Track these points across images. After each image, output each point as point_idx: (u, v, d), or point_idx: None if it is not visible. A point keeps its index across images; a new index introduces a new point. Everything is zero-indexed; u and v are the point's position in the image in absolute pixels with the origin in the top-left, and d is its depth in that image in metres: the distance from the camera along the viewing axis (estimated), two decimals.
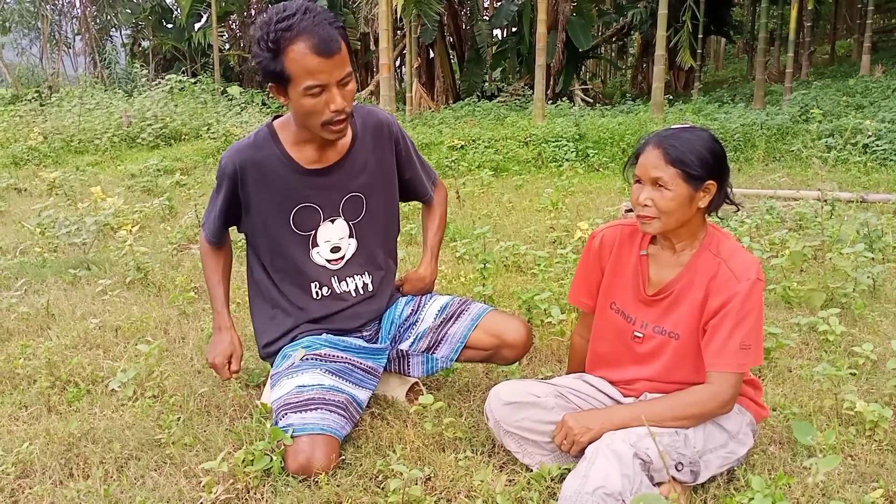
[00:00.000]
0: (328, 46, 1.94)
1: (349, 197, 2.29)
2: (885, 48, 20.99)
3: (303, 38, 1.92)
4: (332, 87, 1.99)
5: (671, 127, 1.92)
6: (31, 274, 4.22)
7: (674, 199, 1.83)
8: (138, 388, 2.59)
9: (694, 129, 1.88)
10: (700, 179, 1.83)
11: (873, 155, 8.34)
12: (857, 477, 1.99)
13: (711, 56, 29.59)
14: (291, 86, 1.99)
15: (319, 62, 1.94)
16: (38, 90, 17.14)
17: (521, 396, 2.01)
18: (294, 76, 1.96)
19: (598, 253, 2.11)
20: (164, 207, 6.20)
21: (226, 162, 2.22)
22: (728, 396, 1.86)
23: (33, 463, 2.10)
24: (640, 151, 1.89)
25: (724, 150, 1.89)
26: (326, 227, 2.28)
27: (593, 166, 9.36)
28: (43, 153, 10.63)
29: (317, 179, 2.23)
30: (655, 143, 1.85)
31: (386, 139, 2.35)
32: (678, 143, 1.83)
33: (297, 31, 1.92)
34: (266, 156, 2.20)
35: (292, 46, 1.93)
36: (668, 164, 1.81)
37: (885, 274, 3.78)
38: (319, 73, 1.96)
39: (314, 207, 2.25)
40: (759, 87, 13.46)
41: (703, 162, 1.82)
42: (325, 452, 1.99)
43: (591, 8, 20.85)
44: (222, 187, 2.27)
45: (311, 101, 2.00)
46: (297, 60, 1.94)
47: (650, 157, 1.85)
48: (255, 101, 16.40)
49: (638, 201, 1.88)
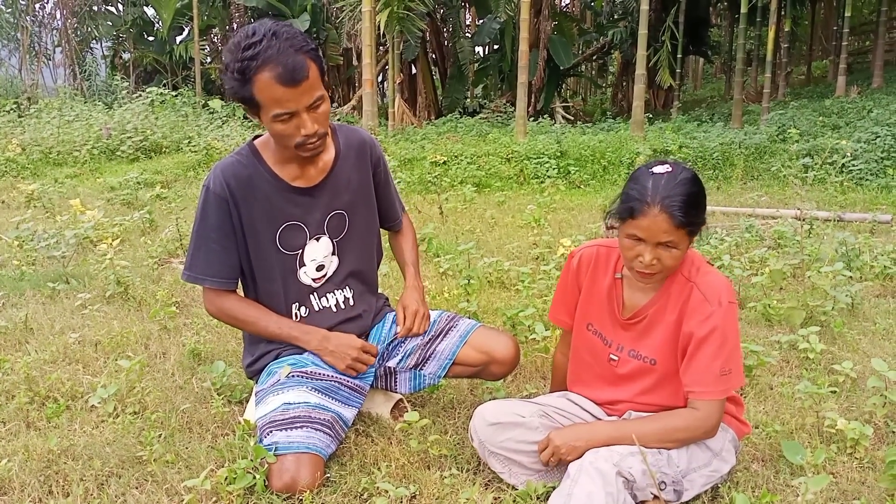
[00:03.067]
0: (292, 76, 1.92)
1: (333, 214, 2.27)
2: (860, 69, 21.37)
3: (268, 67, 1.90)
4: (301, 113, 1.99)
5: (653, 171, 1.83)
6: (8, 287, 4.16)
7: (680, 255, 1.84)
8: (119, 404, 2.55)
9: (679, 173, 1.81)
10: (699, 227, 1.85)
11: (850, 174, 8.48)
12: (838, 494, 2.01)
13: (690, 75, 29.98)
14: (262, 111, 2.00)
15: (285, 91, 1.93)
16: (17, 101, 16.95)
17: (505, 417, 2.01)
18: (262, 103, 1.97)
19: (577, 272, 2.12)
20: (145, 221, 6.14)
21: (213, 183, 2.14)
22: (714, 422, 1.88)
23: (12, 480, 2.06)
24: (636, 210, 1.80)
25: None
26: (312, 246, 2.26)
27: (575, 183, 9.42)
28: (21, 165, 10.51)
29: (302, 198, 2.22)
30: (660, 207, 1.77)
31: (367, 158, 2.35)
32: (683, 203, 1.77)
33: (262, 60, 1.90)
34: (252, 174, 2.17)
35: (258, 76, 1.92)
36: (678, 227, 1.78)
37: (864, 292, 3.83)
38: (286, 101, 1.95)
39: (300, 226, 2.23)
40: (737, 107, 13.65)
41: (702, 213, 1.84)
42: (310, 471, 1.97)
43: (572, 27, 21.13)
44: (212, 214, 2.15)
45: (281, 126, 2.00)
46: (264, 90, 1.93)
47: (658, 223, 1.77)
48: (237, 114, 16.31)
49: (642, 261, 1.83)
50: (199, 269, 2.20)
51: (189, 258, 2.21)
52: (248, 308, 2.25)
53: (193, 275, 2.21)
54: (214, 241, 2.17)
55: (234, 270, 2.22)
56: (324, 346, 2.22)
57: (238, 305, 2.25)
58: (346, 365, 2.21)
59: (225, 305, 2.24)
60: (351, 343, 2.23)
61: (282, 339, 2.25)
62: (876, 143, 8.96)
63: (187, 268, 2.22)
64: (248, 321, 2.24)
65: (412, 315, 2.38)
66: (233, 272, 2.22)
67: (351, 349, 2.22)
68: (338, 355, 2.21)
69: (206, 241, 2.18)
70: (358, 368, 2.23)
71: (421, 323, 2.38)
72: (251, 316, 2.24)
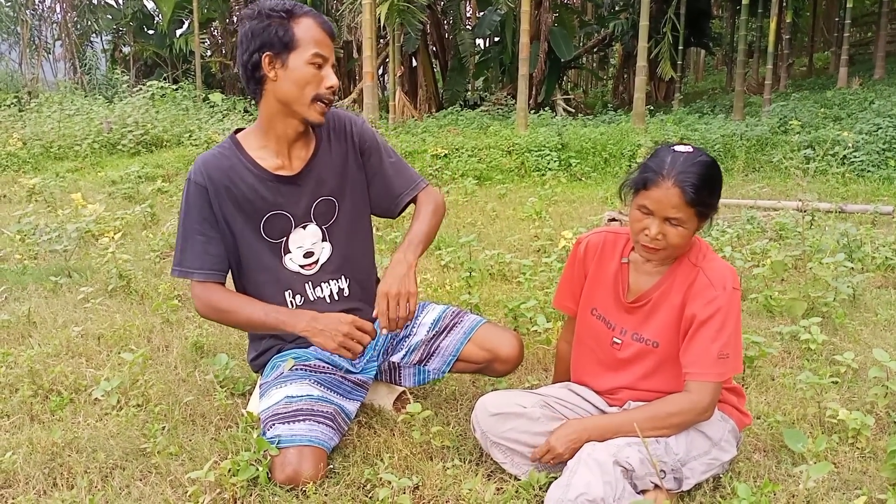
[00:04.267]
0: (331, 29, 2.12)
1: (320, 201, 2.25)
2: (862, 61, 21.31)
3: (311, 15, 2.08)
4: (329, 64, 2.11)
5: (675, 148, 1.84)
6: (11, 281, 4.17)
7: (687, 235, 1.84)
8: (122, 397, 2.56)
9: (700, 155, 1.83)
10: (710, 212, 1.86)
11: (851, 166, 8.47)
12: (840, 484, 2.01)
13: (691, 67, 29.90)
14: (296, 52, 2.05)
15: (325, 37, 2.09)
16: (18, 95, 16.98)
17: (507, 407, 2.02)
18: (302, 42, 2.05)
19: (583, 258, 2.13)
20: (146, 214, 6.14)
21: (195, 174, 2.15)
22: (706, 405, 1.87)
23: (16, 473, 2.07)
24: (650, 181, 1.82)
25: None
26: (298, 233, 2.24)
27: (576, 176, 9.42)
28: (22, 159, 10.51)
29: (286, 187, 2.20)
30: (674, 180, 1.78)
31: (349, 137, 2.29)
32: (697, 181, 1.78)
33: (304, 10, 2.08)
34: (233, 164, 2.16)
35: (303, 18, 2.06)
36: (688, 204, 1.78)
37: (865, 283, 3.83)
38: (325, 46, 2.09)
39: (285, 215, 2.21)
40: (739, 99, 13.61)
41: (716, 198, 1.85)
42: (313, 464, 1.98)
43: (573, 19, 21.07)
44: (194, 206, 2.15)
45: (311, 71, 2.06)
46: (308, 29, 2.06)
47: (669, 196, 1.79)
48: (237, 108, 16.32)
49: (648, 234, 1.84)
50: (187, 262, 2.17)
51: (178, 253, 2.19)
52: (232, 298, 2.19)
53: (183, 269, 2.17)
54: (199, 233, 2.16)
55: (221, 261, 2.19)
56: (312, 327, 2.04)
57: (224, 297, 2.18)
58: (336, 343, 2.01)
59: (213, 298, 2.17)
60: (341, 319, 2.05)
61: (269, 325, 2.12)
62: (877, 135, 8.95)
63: (177, 263, 2.19)
64: (233, 311, 2.15)
65: (394, 300, 2.04)
66: (220, 263, 2.19)
67: (341, 325, 2.02)
68: (327, 334, 2.02)
69: (191, 233, 2.16)
70: (351, 348, 2.03)
71: (404, 306, 2.05)
72: (236, 305, 2.16)
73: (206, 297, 2.18)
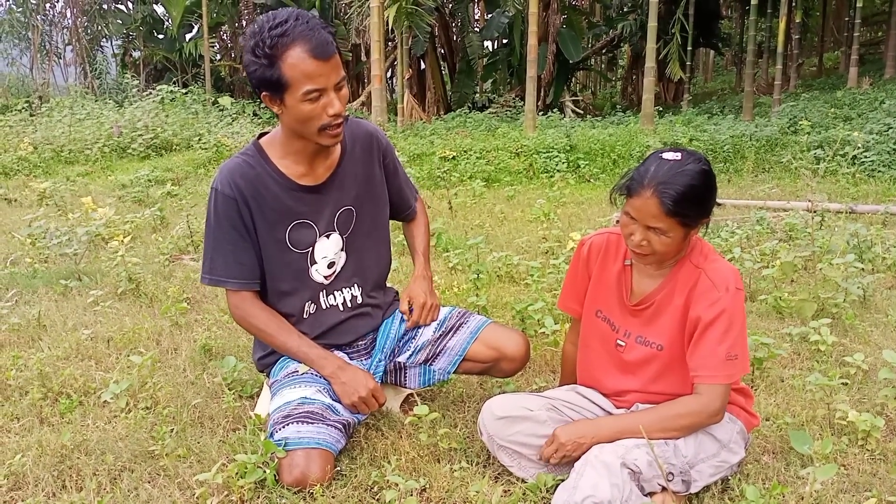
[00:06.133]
0: (325, 49, 1.93)
1: (343, 211, 2.26)
2: (872, 60, 21.19)
3: (299, 42, 1.90)
4: (329, 90, 1.98)
5: (663, 156, 1.84)
6: (21, 285, 4.20)
7: (671, 243, 1.84)
8: (131, 400, 2.57)
9: (687, 164, 1.80)
10: (697, 220, 1.84)
11: (861, 166, 8.42)
12: (850, 486, 2.00)
13: (700, 68, 29.82)
14: (289, 92, 1.96)
15: (317, 65, 1.92)
16: (29, 100, 17.11)
17: (513, 410, 2.01)
18: (292, 82, 1.93)
19: (587, 259, 2.13)
20: (156, 218, 6.18)
21: (221, 184, 2.12)
22: (717, 407, 1.87)
23: (26, 475, 2.09)
24: (633, 188, 1.83)
25: (715, 181, 1.87)
26: (322, 243, 2.24)
27: (584, 177, 9.40)
28: (33, 163, 10.58)
29: (311, 196, 2.20)
30: (653, 190, 1.78)
31: (375, 150, 2.33)
32: (675, 191, 1.76)
33: (292, 37, 1.90)
34: (259, 173, 2.14)
35: (289, 52, 1.90)
36: (666, 215, 1.77)
37: (875, 284, 3.81)
38: (318, 76, 1.94)
39: (309, 224, 2.21)
40: (748, 99, 13.56)
41: (701, 207, 1.82)
42: (321, 466, 1.98)
43: (581, 20, 21.02)
44: (224, 216, 2.13)
45: (309, 107, 1.97)
46: (296, 65, 1.91)
47: (648, 206, 1.79)
48: (247, 111, 16.39)
49: (633, 240, 1.86)
50: (219, 271, 2.18)
51: (208, 261, 2.19)
52: (270, 321, 2.22)
53: (215, 277, 2.18)
54: (230, 243, 2.15)
55: (253, 270, 2.20)
56: (336, 376, 2.17)
57: (261, 315, 2.22)
58: (351, 401, 2.15)
59: (249, 313, 2.22)
60: (364, 383, 2.17)
61: (298, 357, 2.22)
62: (888, 135, 8.89)
63: (207, 271, 2.19)
64: (270, 333, 2.22)
65: (419, 307, 2.38)
66: (253, 272, 2.20)
67: (362, 388, 2.15)
68: (348, 389, 2.15)
69: (222, 242, 2.16)
70: (361, 409, 2.18)
71: (428, 314, 2.39)
72: (273, 329, 2.22)
73: (243, 310, 2.22)
